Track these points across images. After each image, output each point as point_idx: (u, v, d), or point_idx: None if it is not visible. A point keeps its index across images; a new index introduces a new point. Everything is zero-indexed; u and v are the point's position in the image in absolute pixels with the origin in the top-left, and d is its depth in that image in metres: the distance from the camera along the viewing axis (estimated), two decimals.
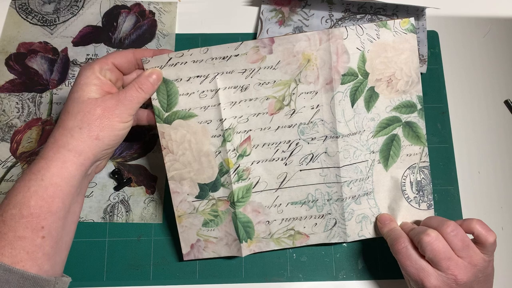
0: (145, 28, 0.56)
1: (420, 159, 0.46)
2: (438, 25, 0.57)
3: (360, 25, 0.43)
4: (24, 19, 0.56)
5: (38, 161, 0.36)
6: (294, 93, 0.43)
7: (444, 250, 0.38)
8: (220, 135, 0.43)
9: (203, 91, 0.43)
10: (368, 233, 0.46)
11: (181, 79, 0.43)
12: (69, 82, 0.53)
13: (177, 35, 0.56)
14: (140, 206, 0.50)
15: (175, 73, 0.43)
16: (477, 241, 0.39)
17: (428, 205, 0.46)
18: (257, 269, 0.48)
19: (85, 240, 0.48)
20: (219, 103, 0.43)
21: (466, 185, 0.51)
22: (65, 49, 0.55)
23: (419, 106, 0.45)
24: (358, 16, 0.56)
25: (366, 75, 0.44)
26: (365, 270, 0.48)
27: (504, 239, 0.50)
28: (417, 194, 0.46)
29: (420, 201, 0.46)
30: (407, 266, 0.39)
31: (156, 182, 0.50)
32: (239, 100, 0.44)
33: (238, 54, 0.42)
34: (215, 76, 0.43)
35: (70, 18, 0.56)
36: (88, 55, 0.55)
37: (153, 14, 0.57)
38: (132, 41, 0.55)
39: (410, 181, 0.46)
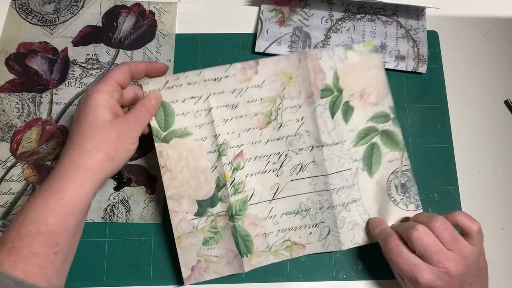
0: (145, 28, 0.56)
1: (402, 164, 0.48)
2: (438, 25, 0.57)
3: (331, 48, 0.47)
4: (24, 19, 0.56)
5: (55, 181, 0.37)
6: (280, 108, 0.46)
7: (434, 244, 0.39)
8: (215, 150, 0.46)
9: (198, 111, 0.46)
10: (361, 240, 0.47)
11: (177, 101, 0.46)
12: (69, 82, 0.53)
13: (177, 35, 0.56)
14: (140, 206, 0.50)
15: (172, 95, 0.46)
16: (463, 232, 0.40)
17: (416, 205, 0.47)
18: (257, 269, 0.48)
19: (85, 240, 0.49)
20: (213, 121, 0.46)
21: (466, 185, 0.51)
22: (65, 49, 0.55)
23: (392, 115, 0.48)
24: (358, 16, 0.56)
25: (340, 91, 0.47)
26: (365, 270, 0.48)
27: (504, 239, 0.50)
28: (403, 196, 0.47)
29: (408, 202, 0.47)
30: (399, 263, 0.40)
31: (156, 182, 0.50)
32: (231, 117, 0.46)
33: (228, 76, 0.46)
34: (208, 96, 0.46)
35: (70, 18, 0.56)
36: (88, 55, 0.55)
37: (153, 14, 0.57)
38: (132, 41, 0.55)
39: (395, 185, 0.47)
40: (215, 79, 0.46)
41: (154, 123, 0.45)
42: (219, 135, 0.46)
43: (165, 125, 0.46)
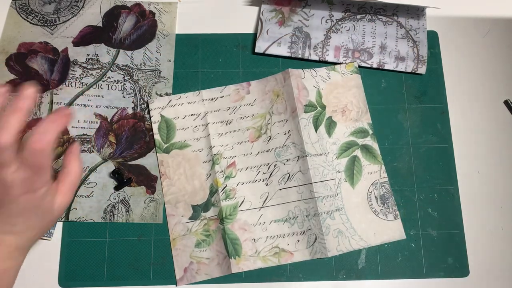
0: (145, 28, 0.56)
1: (380, 176, 0.51)
2: (438, 25, 0.57)
3: (314, 69, 0.53)
4: (25, 19, 0.56)
5: None
6: (269, 123, 0.51)
7: None
8: (210, 160, 0.51)
9: (196, 126, 0.52)
10: (345, 247, 0.48)
11: (178, 117, 0.52)
12: (69, 82, 0.53)
13: (177, 35, 0.56)
14: (140, 206, 0.50)
15: (174, 112, 0.52)
16: None
17: (394, 215, 0.49)
18: (257, 269, 0.48)
19: (85, 240, 0.49)
20: (209, 134, 0.51)
21: (466, 185, 0.51)
22: (66, 49, 0.55)
23: (370, 132, 0.52)
24: (358, 17, 0.56)
25: (323, 107, 0.52)
26: (365, 270, 0.48)
27: (504, 239, 0.50)
28: (382, 206, 0.50)
29: (387, 212, 0.49)
30: None
31: (156, 182, 0.50)
32: (225, 132, 0.51)
33: (223, 96, 0.52)
34: (206, 114, 0.52)
35: (71, 18, 0.56)
36: (88, 55, 0.55)
37: (153, 14, 0.57)
38: (132, 41, 0.55)
39: (375, 196, 0.50)
40: (212, 99, 0.52)
41: (157, 137, 0.51)
42: (214, 146, 0.51)
43: (167, 138, 0.51)
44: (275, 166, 0.50)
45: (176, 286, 0.47)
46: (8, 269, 0.36)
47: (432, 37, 0.56)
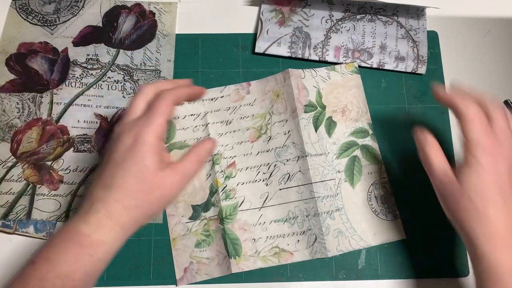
0: (145, 28, 0.56)
1: (380, 176, 0.51)
2: (438, 25, 0.57)
3: (314, 69, 0.53)
4: (25, 19, 0.56)
5: (86, 231, 0.34)
6: (269, 123, 0.51)
7: None
8: (210, 160, 0.51)
9: (196, 126, 0.52)
10: (345, 247, 0.48)
11: (178, 117, 0.52)
12: (69, 82, 0.53)
13: (177, 35, 0.56)
14: None
15: (174, 113, 0.49)
16: None
17: (394, 215, 0.49)
18: (257, 269, 0.48)
19: None
20: (209, 134, 0.51)
21: None
22: (66, 49, 0.55)
23: (370, 132, 0.52)
24: (358, 17, 0.56)
25: (323, 107, 0.52)
26: (365, 270, 0.48)
27: None
28: (382, 207, 0.49)
29: (387, 212, 0.49)
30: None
31: None
32: (225, 132, 0.52)
33: (223, 96, 0.53)
34: (206, 114, 0.52)
35: (71, 18, 0.56)
36: (88, 55, 0.55)
37: (153, 14, 0.57)
38: (132, 41, 0.55)
39: (375, 196, 0.50)
40: (212, 99, 0.52)
41: None
42: None
43: (167, 138, 0.51)
44: (275, 166, 0.50)
45: (176, 286, 0.47)
46: (105, 242, 0.34)
47: (432, 37, 0.56)
